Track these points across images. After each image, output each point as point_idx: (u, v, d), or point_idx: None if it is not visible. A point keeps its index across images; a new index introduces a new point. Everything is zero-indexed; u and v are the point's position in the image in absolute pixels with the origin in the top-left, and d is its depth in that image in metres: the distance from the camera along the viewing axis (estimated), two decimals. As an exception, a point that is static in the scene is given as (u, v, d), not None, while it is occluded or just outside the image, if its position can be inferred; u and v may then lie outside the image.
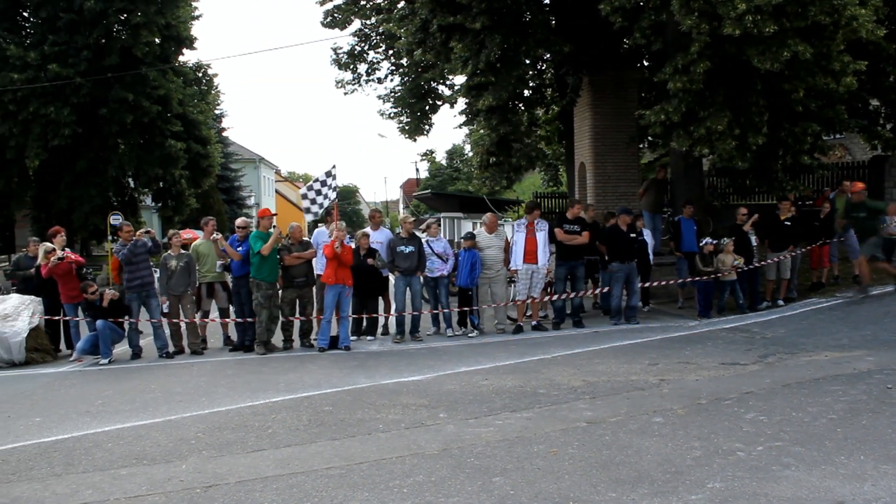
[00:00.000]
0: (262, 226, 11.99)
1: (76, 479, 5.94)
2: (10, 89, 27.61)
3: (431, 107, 24.94)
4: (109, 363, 11.50)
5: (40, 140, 28.41)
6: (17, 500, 5.50)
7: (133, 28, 29.71)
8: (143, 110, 29.70)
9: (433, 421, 7.10)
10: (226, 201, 45.08)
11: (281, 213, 67.77)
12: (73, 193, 30.26)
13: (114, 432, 7.27)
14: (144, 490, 5.55)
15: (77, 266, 12.49)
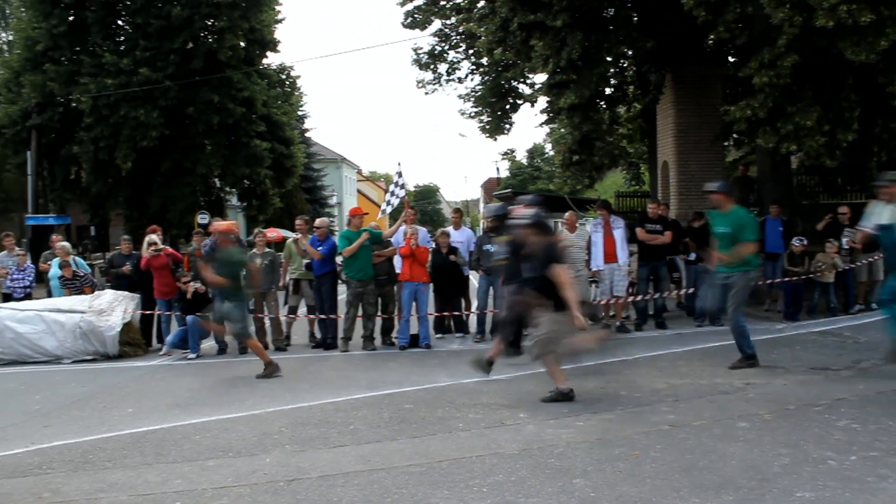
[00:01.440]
0: (352, 224, 12.13)
1: (166, 468, 6.13)
2: (105, 94, 28.73)
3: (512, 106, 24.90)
4: (197, 358, 11.84)
5: (129, 142, 29.46)
6: (113, 486, 5.71)
7: (218, 32, 30.56)
8: (229, 112, 30.50)
9: (513, 421, 7.08)
10: (308, 201, 45.90)
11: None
12: (166, 193, 31.26)
13: (201, 425, 7.48)
14: (230, 482, 5.69)
15: (173, 261, 12.88)
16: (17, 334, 11.96)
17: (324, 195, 51.33)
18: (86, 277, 13.47)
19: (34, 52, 30.77)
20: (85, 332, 11.95)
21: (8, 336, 11.98)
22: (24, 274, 13.84)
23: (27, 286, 13.75)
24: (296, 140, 36.06)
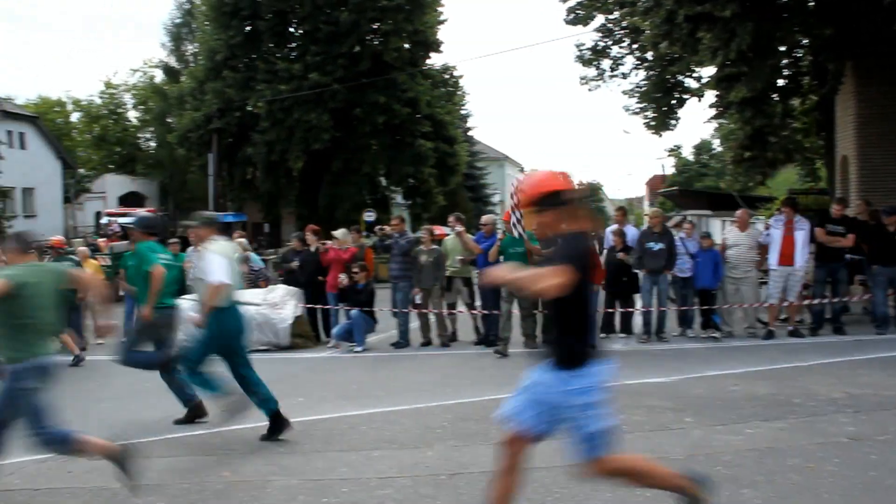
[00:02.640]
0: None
1: (334, 456, 6.38)
2: (278, 99, 30.25)
3: (678, 101, 24.13)
4: (363, 351, 12.23)
5: (302, 144, 30.87)
6: (284, 470, 6.02)
7: (384, 35, 31.47)
8: (394, 112, 31.34)
9: (678, 425, 6.87)
10: (471, 199, 46.42)
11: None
12: (334, 192, 32.54)
13: (366, 416, 7.72)
14: (394, 472, 5.85)
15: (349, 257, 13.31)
16: (200, 324, 12.80)
17: (486, 193, 51.75)
18: (260, 272, 14.19)
19: (215, 61, 32.87)
20: (259, 323, 12.59)
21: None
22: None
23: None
24: (459, 139, 36.58)
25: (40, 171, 39.97)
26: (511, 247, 11.36)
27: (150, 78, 50.98)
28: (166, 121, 44.85)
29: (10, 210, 36.16)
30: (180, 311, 8.80)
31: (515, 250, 11.18)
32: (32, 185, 39.58)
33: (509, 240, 11.46)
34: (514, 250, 11.21)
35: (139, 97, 51.95)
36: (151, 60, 51.46)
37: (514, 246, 11.29)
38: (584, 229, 4.09)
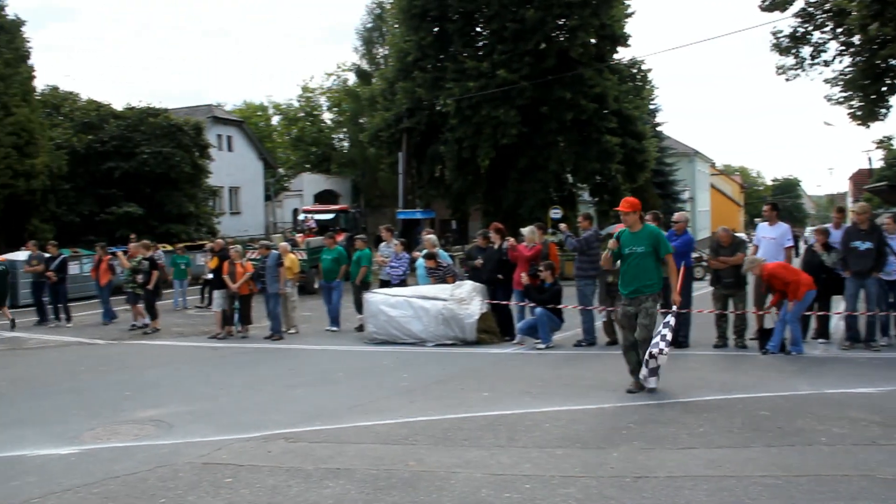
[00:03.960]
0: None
1: (517, 452, 6.39)
2: (467, 97, 30.77)
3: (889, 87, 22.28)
4: (547, 348, 12.18)
5: (490, 140, 31.22)
6: (468, 463, 6.09)
7: (570, 31, 31.23)
8: (581, 108, 31.04)
9: (888, 440, 6.34)
10: (660, 196, 45.16)
11: (716, 209, 65.60)
12: (520, 189, 32.66)
13: (551, 413, 7.68)
14: (578, 472, 5.77)
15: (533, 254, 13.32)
16: (389, 317, 13.25)
17: (676, 190, 50.19)
18: (448, 268, 14.47)
19: (405, 62, 33.89)
20: (447, 318, 12.86)
21: (382, 319, 13.31)
22: (400, 262, 15.22)
23: (402, 274, 15.10)
24: (647, 134, 35.69)
25: (245, 171, 42.87)
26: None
27: (343, 81, 53.47)
28: (359, 121, 46.77)
29: (218, 207, 38.99)
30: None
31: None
32: (238, 185, 42.50)
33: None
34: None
35: (333, 100, 54.55)
36: (345, 64, 54.08)
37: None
38: None
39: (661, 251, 8.45)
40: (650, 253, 8.40)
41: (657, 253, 8.43)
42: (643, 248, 8.40)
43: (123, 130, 29.96)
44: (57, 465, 6.61)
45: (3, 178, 24.06)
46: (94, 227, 27.75)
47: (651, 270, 8.41)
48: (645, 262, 8.40)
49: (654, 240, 8.44)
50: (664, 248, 8.46)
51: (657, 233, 8.56)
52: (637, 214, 8.60)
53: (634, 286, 8.42)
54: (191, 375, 11.30)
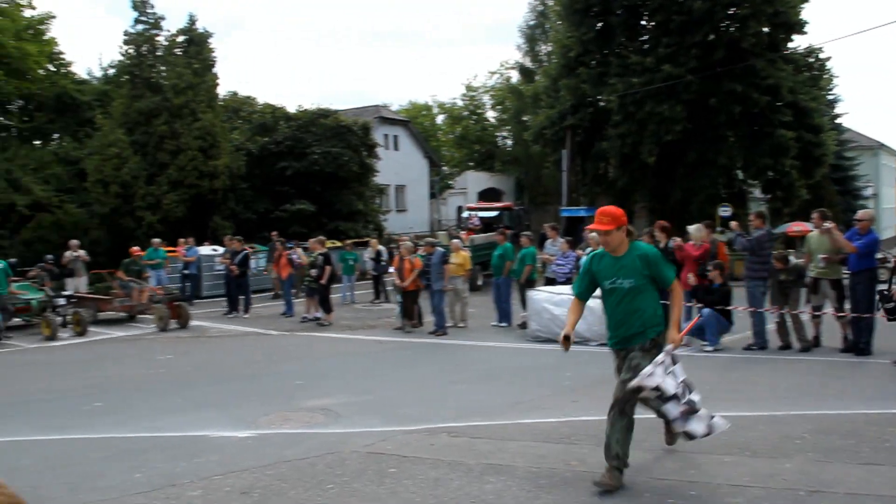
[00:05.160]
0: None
1: (683, 457, 6.22)
2: (630, 93, 30.15)
3: None
4: (715, 351, 11.76)
5: (654, 136, 30.45)
6: (632, 466, 5.98)
7: (740, 20, 29.90)
8: (752, 101, 29.69)
9: None
10: (839, 192, 42.44)
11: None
12: (687, 185, 31.67)
13: (718, 419, 7.42)
14: (746, 481, 5.55)
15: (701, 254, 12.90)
16: (553, 315, 13.21)
17: (857, 186, 47.00)
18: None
19: (568, 58, 33.62)
20: (609, 317, 12.67)
21: (545, 316, 13.30)
22: (566, 260, 15.13)
23: (567, 272, 15.01)
24: (825, 127, 33.60)
25: (410, 170, 43.90)
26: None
27: (506, 79, 53.68)
28: (522, 119, 46.82)
29: (385, 205, 40.16)
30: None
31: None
32: (404, 183, 43.59)
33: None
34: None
35: (497, 98, 54.89)
36: (508, 62, 54.23)
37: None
38: None
39: (661, 280, 5.77)
40: (643, 286, 5.74)
41: (654, 283, 5.80)
42: (631, 281, 5.71)
43: (296, 132, 31.43)
44: (235, 446, 7.07)
45: (190, 179, 25.85)
46: (269, 223, 29.27)
47: (646, 311, 5.76)
48: (636, 301, 5.73)
49: (648, 266, 5.73)
50: (665, 275, 5.78)
51: (651, 255, 5.80)
52: (622, 232, 5.75)
53: (620, 334, 5.85)
54: (358, 368, 11.72)
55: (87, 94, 31.45)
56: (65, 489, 5.92)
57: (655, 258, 5.79)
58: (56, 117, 31.52)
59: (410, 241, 17.30)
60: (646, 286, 5.74)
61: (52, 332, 15.28)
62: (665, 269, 5.82)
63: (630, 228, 5.81)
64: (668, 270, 5.84)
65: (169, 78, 26.83)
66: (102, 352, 14.05)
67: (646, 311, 5.74)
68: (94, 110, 29.43)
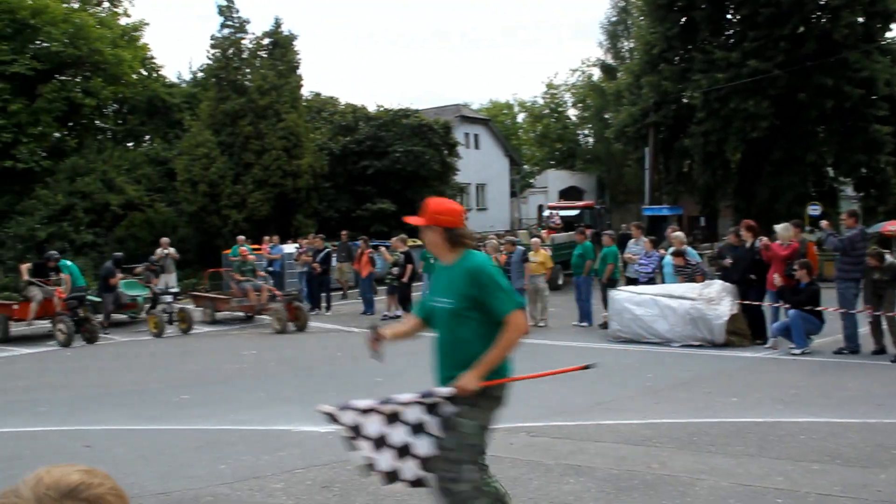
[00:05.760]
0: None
1: (768, 463, 6.05)
2: (715, 88, 29.46)
3: None
4: (803, 354, 11.39)
5: (739, 133, 29.70)
6: (714, 470, 5.86)
7: (832, 11, 28.88)
8: (845, 95, 28.64)
9: None
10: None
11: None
12: (774, 183, 30.79)
13: (806, 425, 7.20)
14: (836, 490, 5.36)
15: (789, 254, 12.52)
16: (634, 316, 13.03)
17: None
18: (697, 266, 13.95)
19: (651, 55, 33.08)
20: (694, 318, 12.42)
21: (627, 317, 13.13)
22: (649, 260, 14.89)
23: (651, 272, 14.77)
24: (937, 121, 32.15)
25: (491, 169, 43.88)
26: None
27: (588, 77, 53.15)
28: (604, 117, 46.31)
29: (466, 204, 40.26)
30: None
31: None
32: (485, 181, 43.60)
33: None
34: None
35: (578, 95, 54.42)
36: (589, 59, 53.62)
37: None
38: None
39: (490, 309, 4.08)
40: (464, 311, 4.11)
41: (484, 311, 4.10)
42: (451, 302, 4.15)
43: (377, 131, 31.78)
44: (316, 441, 7.18)
45: (274, 178, 26.44)
46: (350, 222, 29.70)
47: (471, 344, 4.10)
48: (458, 330, 4.14)
49: (475, 285, 4.08)
50: (496, 304, 4.07)
51: (480, 271, 4.11)
52: (437, 234, 4.20)
53: (440, 375, 4.28)
54: (437, 366, 11.76)
55: (177, 97, 32.53)
56: (155, 478, 6.12)
57: (486, 277, 4.10)
58: (147, 120, 32.75)
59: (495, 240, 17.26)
60: (469, 312, 4.09)
61: (159, 329, 15.47)
62: (497, 294, 4.07)
63: (461, 233, 4.20)
64: (500, 297, 4.07)
65: (254, 80, 27.49)
66: (190, 346, 14.51)
67: (471, 344, 4.08)
68: (183, 112, 30.43)
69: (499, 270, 4.46)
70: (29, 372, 12.11)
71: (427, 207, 4.26)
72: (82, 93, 28.74)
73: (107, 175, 26.62)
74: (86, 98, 28.75)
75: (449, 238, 4.18)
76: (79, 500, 1.27)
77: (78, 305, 14.62)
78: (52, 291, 14.89)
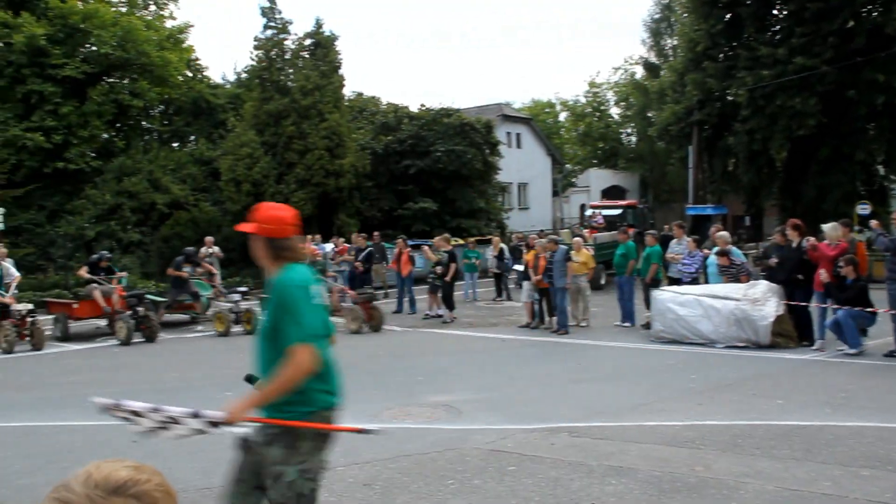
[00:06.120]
0: None
1: (815, 468, 5.95)
2: (760, 86, 29.00)
3: None
4: (855, 356, 11.14)
5: (785, 131, 29.21)
6: (759, 474, 5.78)
7: (884, 4, 28.26)
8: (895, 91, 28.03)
9: None
10: None
11: None
12: (821, 182, 30.25)
13: (855, 429, 7.06)
14: (888, 497, 5.26)
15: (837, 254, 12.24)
16: (677, 316, 12.89)
17: None
18: (742, 266, 13.76)
19: (695, 52, 32.67)
20: (738, 319, 12.25)
21: (670, 317, 12.99)
22: (692, 260, 14.69)
23: (694, 272, 14.58)
24: None
25: (533, 168, 43.74)
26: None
27: (630, 75, 52.71)
28: (647, 115, 45.90)
29: (507, 203, 40.18)
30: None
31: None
32: (526, 181, 43.48)
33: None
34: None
35: (621, 94, 54.01)
36: (632, 58, 53.17)
37: None
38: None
39: (281, 331, 3.64)
40: (274, 331, 3.70)
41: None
42: (266, 320, 3.81)
43: (419, 130, 31.85)
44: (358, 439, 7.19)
45: (317, 177, 26.66)
46: (392, 221, 29.82)
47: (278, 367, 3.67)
48: (270, 350, 3.75)
49: (278, 303, 3.70)
50: (286, 327, 3.62)
51: (283, 288, 3.70)
52: (264, 242, 3.80)
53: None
54: (479, 365, 11.78)
55: (221, 98, 32.98)
56: (198, 473, 6.21)
57: (288, 297, 3.64)
58: (192, 120, 33.25)
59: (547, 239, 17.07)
60: (277, 332, 3.67)
61: (225, 327, 15.13)
62: (291, 318, 3.60)
63: (284, 244, 3.77)
64: (292, 324, 3.58)
65: (297, 80, 27.73)
66: (237, 344, 14.67)
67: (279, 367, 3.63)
68: (227, 113, 30.83)
69: (313, 294, 3.71)
70: (80, 368, 12.36)
71: (255, 213, 3.86)
72: (129, 94, 29.31)
73: (153, 175, 27.09)
74: (133, 99, 29.33)
75: (271, 249, 3.78)
76: (126, 496, 1.30)
77: (137, 303, 14.66)
78: (113, 289, 14.99)
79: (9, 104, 25.76)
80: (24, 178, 25.43)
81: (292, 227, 3.83)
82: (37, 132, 25.42)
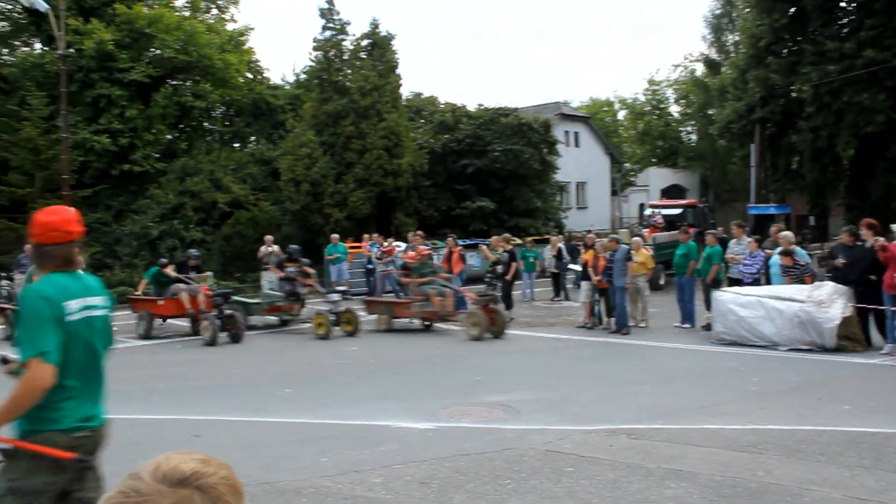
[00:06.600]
0: None
1: (885, 476, 5.78)
2: (826, 81, 28.25)
3: None
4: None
5: (852, 128, 28.43)
6: (825, 481, 5.64)
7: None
8: (970, 86, 27.09)
9: None
10: None
11: None
12: (890, 181, 29.38)
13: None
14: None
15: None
16: (739, 317, 12.65)
17: None
18: (806, 267, 13.43)
19: (757, 48, 31.99)
20: (803, 321, 11.96)
21: (731, 318, 12.75)
22: (754, 260, 14.40)
23: (755, 272, 14.29)
24: None
25: (591, 167, 43.37)
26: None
27: (690, 72, 51.89)
28: (707, 113, 45.12)
29: (565, 202, 39.93)
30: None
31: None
32: (585, 180, 43.13)
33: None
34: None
35: (681, 92, 53.21)
36: (692, 55, 52.39)
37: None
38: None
39: (20, 342, 3.41)
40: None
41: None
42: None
43: (476, 130, 31.83)
44: (415, 437, 7.26)
45: (376, 177, 26.87)
46: (450, 220, 29.86)
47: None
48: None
49: (21, 313, 3.53)
50: (21, 343, 3.39)
51: (23, 300, 3.57)
52: (33, 248, 3.66)
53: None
54: (537, 365, 11.73)
55: (281, 99, 33.46)
56: (260, 468, 6.30)
57: (24, 309, 3.47)
58: (253, 121, 33.80)
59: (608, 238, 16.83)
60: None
61: (326, 331, 14.53)
62: (24, 332, 3.39)
63: (45, 251, 3.52)
64: (23, 338, 3.37)
65: (355, 81, 27.96)
66: (293, 342, 14.86)
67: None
68: (287, 114, 31.22)
69: (46, 306, 3.37)
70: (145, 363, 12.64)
71: (34, 220, 3.57)
72: (192, 96, 29.95)
73: (214, 175, 27.60)
74: (195, 101, 29.96)
75: (36, 255, 3.60)
76: (192, 487, 1.33)
77: (223, 303, 14.57)
78: (198, 289, 15.05)
79: (79, 107, 26.48)
80: (91, 179, 26.17)
81: (61, 233, 3.50)
82: (104, 135, 26.13)
